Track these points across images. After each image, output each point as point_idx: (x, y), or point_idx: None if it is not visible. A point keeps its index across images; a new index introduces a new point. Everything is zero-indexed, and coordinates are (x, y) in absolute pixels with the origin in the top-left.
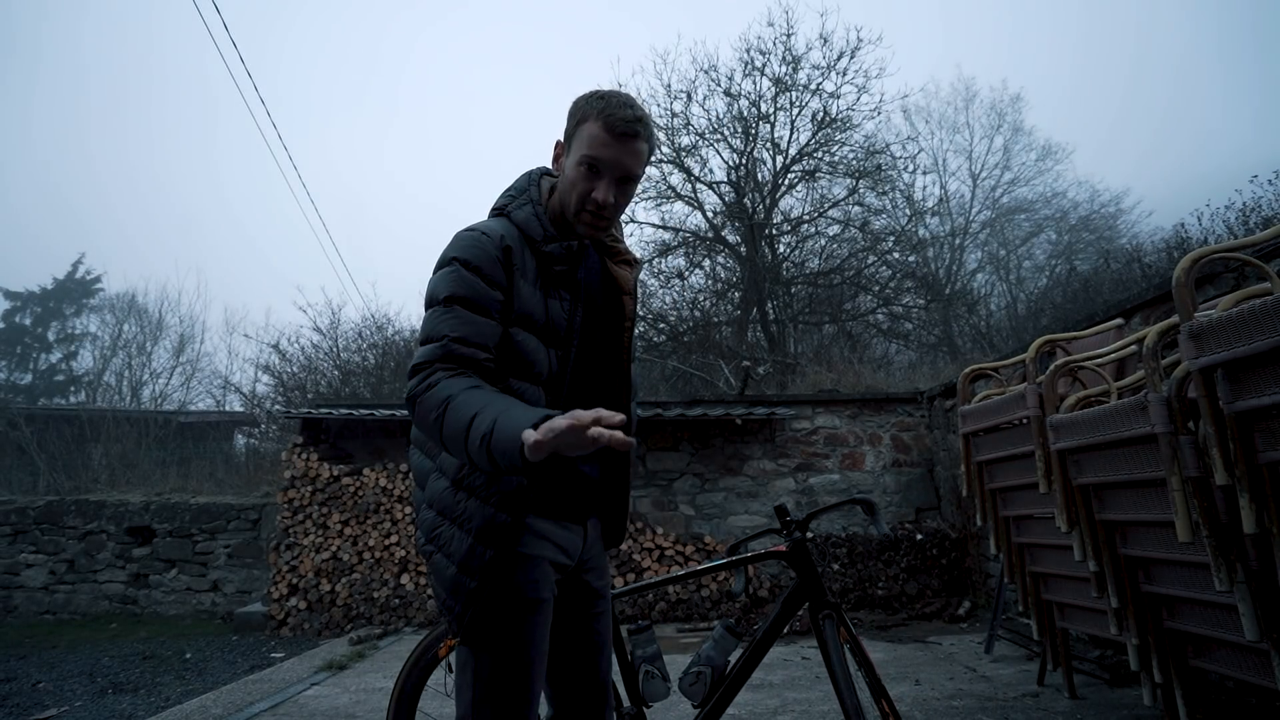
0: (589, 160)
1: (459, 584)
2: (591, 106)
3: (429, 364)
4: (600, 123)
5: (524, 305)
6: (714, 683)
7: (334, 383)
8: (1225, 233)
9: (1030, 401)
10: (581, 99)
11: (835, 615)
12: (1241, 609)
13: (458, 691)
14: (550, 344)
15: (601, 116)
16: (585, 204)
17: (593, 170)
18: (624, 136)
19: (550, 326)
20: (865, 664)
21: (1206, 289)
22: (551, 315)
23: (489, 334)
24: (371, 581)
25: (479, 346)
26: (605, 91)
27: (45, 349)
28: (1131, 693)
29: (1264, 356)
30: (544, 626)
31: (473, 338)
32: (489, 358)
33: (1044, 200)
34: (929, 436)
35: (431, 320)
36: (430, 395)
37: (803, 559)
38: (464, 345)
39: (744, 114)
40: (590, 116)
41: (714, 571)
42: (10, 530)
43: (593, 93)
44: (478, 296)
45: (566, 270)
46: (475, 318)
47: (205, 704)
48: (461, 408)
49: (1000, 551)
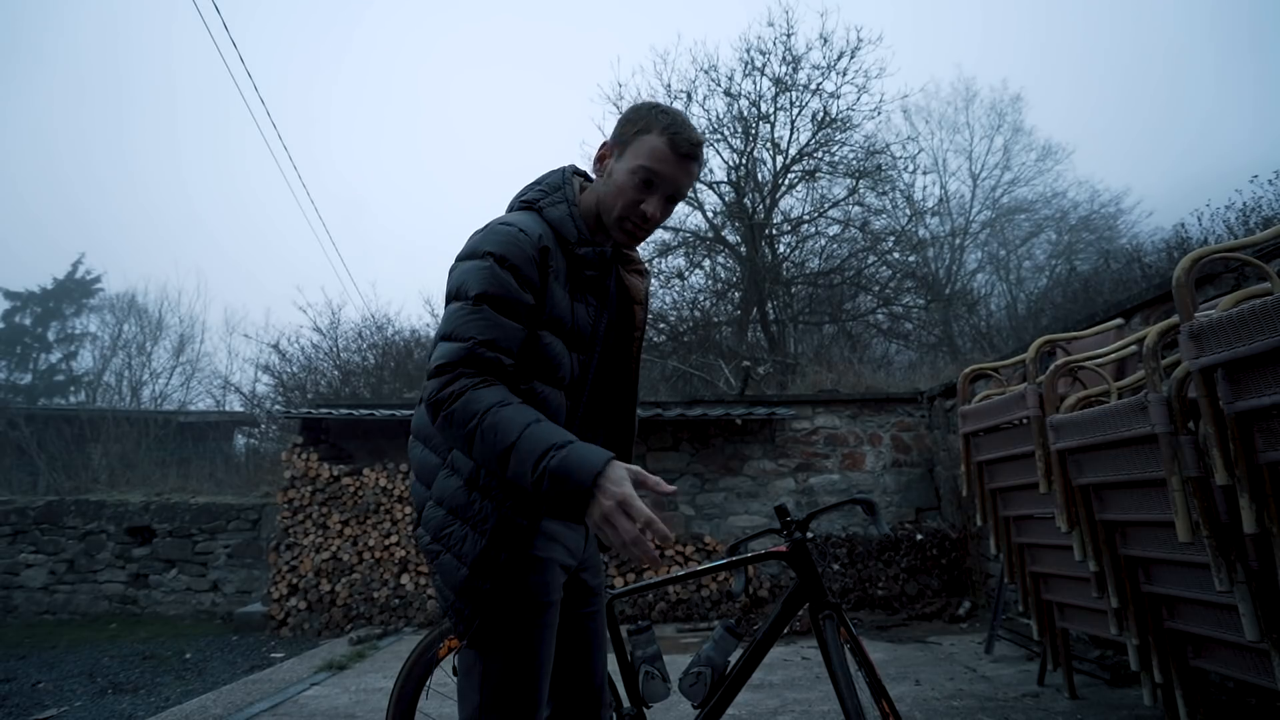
0: (646, 172)
1: (471, 586)
2: (656, 119)
3: (452, 366)
4: (665, 138)
5: (556, 308)
6: (714, 683)
7: (334, 383)
8: (1225, 233)
9: (1030, 401)
10: (645, 108)
11: (835, 615)
12: (1241, 609)
13: (462, 695)
14: (574, 348)
15: (667, 132)
16: (632, 214)
17: (647, 183)
18: (685, 158)
19: (575, 331)
20: (865, 664)
21: (1206, 289)
22: (577, 320)
23: (515, 338)
24: (371, 581)
25: (504, 352)
26: (668, 107)
27: (45, 349)
28: (1131, 693)
29: (1264, 356)
30: (553, 629)
31: (500, 341)
32: (512, 363)
33: (1044, 200)
34: (929, 436)
35: (458, 317)
36: (461, 408)
37: (803, 559)
38: (489, 349)
39: (744, 114)
40: (654, 129)
41: (714, 571)
42: (10, 530)
43: (655, 105)
44: (509, 296)
45: (596, 276)
46: (503, 320)
47: (205, 704)
48: (502, 427)
49: (1000, 551)
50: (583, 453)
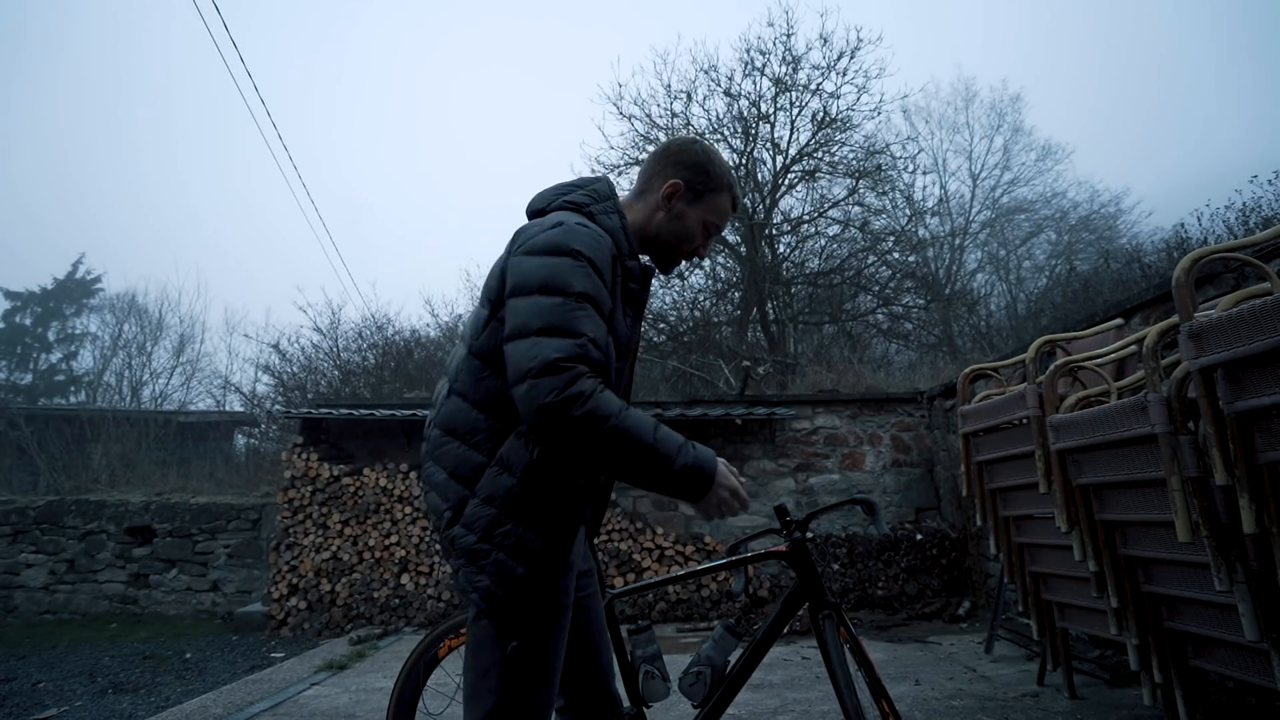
0: (714, 226)
1: (526, 584)
2: (726, 178)
3: (571, 364)
4: (730, 199)
5: (615, 316)
6: (714, 683)
7: (334, 383)
8: (1225, 233)
9: (1030, 401)
10: (718, 163)
11: (835, 615)
12: (1241, 609)
13: (474, 695)
14: (619, 357)
15: (732, 194)
16: (691, 254)
17: (708, 233)
18: (733, 214)
19: (618, 339)
20: (865, 664)
21: (1206, 289)
22: (620, 328)
23: (607, 341)
24: (371, 581)
25: (605, 351)
26: (726, 163)
27: (45, 349)
28: (1131, 693)
29: (1264, 356)
30: (567, 630)
31: (601, 341)
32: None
33: (1044, 200)
34: (929, 436)
35: (560, 311)
36: (595, 407)
37: (802, 559)
38: (597, 349)
39: (744, 114)
40: (725, 188)
41: (714, 571)
42: (10, 530)
43: (722, 159)
44: (602, 300)
45: (638, 290)
46: (600, 321)
47: (205, 704)
48: (637, 427)
49: (1000, 551)
50: (701, 449)
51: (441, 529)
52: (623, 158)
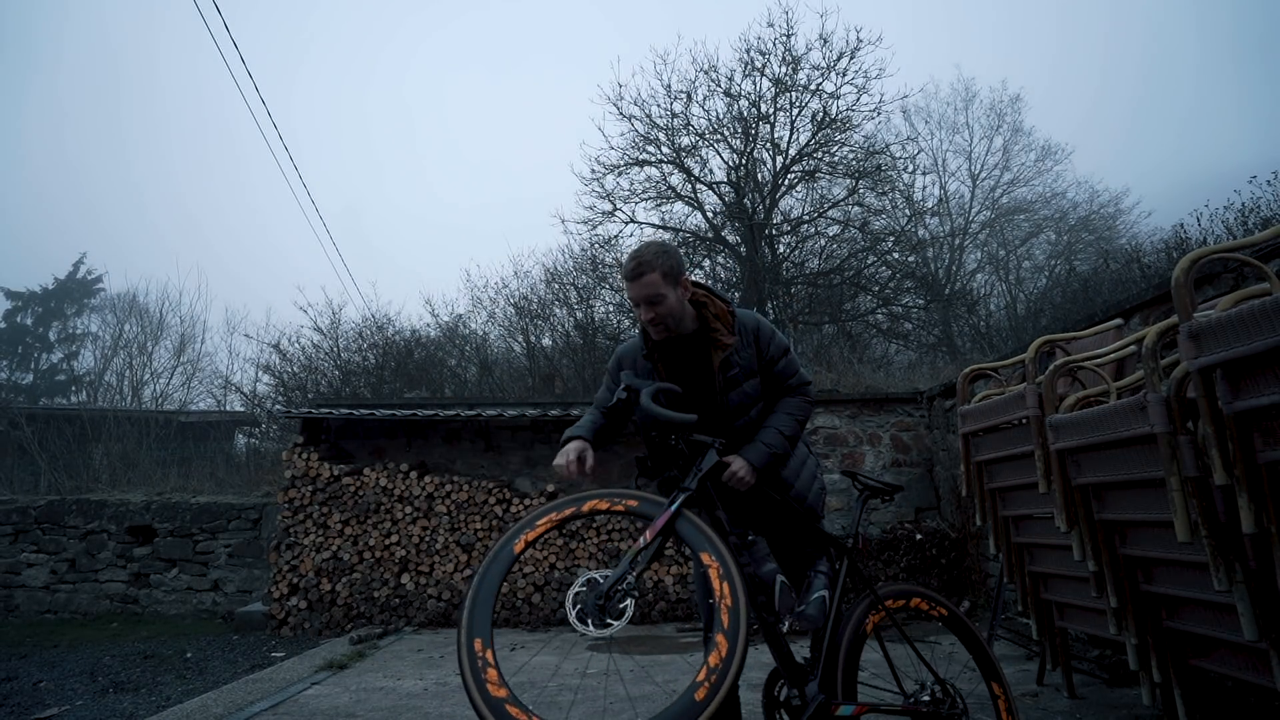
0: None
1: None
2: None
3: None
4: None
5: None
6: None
7: (334, 383)
8: (1224, 233)
9: (1030, 401)
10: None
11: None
12: (1240, 609)
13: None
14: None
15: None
16: (647, 324)
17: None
18: (627, 279)
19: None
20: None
21: (1206, 289)
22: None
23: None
24: (372, 581)
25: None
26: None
27: (46, 349)
28: (1131, 692)
29: (1263, 357)
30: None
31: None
32: None
33: (1043, 201)
34: (929, 436)
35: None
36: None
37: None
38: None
39: (744, 114)
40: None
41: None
42: (11, 530)
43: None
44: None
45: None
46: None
47: (206, 703)
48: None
49: (1000, 551)
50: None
51: (779, 483)
52: (623, 158)
